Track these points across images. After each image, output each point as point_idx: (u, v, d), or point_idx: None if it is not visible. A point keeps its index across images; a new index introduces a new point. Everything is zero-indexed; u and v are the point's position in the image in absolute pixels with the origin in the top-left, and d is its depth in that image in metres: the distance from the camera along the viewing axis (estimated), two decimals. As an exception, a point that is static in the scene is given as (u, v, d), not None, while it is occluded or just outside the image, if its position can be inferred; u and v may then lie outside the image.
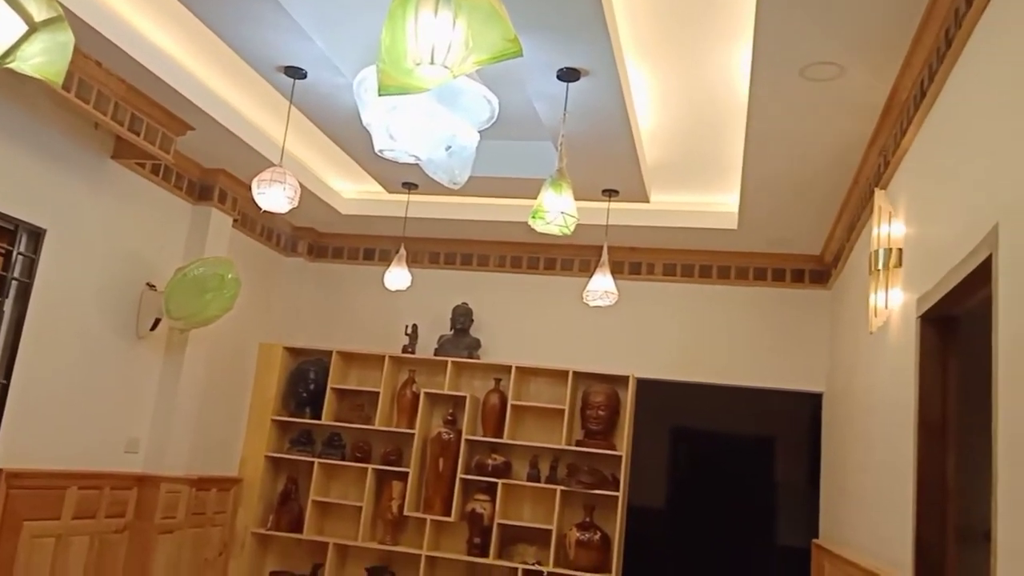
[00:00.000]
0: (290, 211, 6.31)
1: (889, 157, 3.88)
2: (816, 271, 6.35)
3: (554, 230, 3.96)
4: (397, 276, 5.61)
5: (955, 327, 3.19)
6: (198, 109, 4.72)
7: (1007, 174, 2.38)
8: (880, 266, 3.78)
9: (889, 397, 3.78)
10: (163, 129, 4.83)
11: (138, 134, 4.69)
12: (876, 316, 3.94)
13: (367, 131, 3.43)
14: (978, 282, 2.63)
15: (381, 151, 3.49)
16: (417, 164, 3.80)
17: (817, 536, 5.97)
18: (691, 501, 9.82)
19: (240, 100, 5.04)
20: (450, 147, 3.60)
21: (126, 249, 5.21)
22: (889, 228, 3.76)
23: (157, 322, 5.30)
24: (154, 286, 5.32)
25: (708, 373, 6.44)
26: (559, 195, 3.87)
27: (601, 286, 5.19)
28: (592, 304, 5.30)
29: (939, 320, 3.19)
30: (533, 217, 3.93)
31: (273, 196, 4.16)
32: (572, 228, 3.97)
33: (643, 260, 6.65)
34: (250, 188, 4.30)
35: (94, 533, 4.96)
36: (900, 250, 3.66)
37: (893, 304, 3.72)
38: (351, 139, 5.09)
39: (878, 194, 3.98)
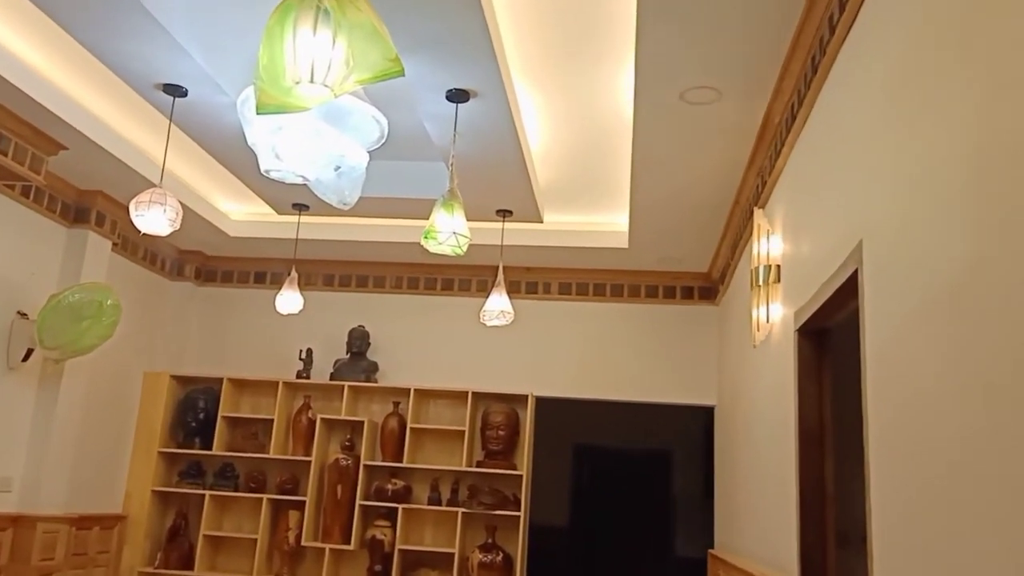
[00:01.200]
0: (175, 234, 6.08)
1: (766, 177, 4.05)
2: (705, 288, 6.55)
3: (447, 250, 3.95)
4: (288, 299, 5.47)
5: (828, 339, 3.34)
6: (71, 127, 4.50)
7: (869, 193, 2.51)
8: (761, 282, 3.92)
9: (772, 408, 3.92)
10: (33, 149, 4.59)
11: (5, 154, 4.43)
12: (759, 330, 4.09)
13: (253, 151, 3.35)
14: (846, 296, 2.77)
15: (267, 171, 3.40)
16: (306, 185, 3.75)
17: (712, 546, 6.12)
18: (592, 517, 9.93)
19: (118, 118, 4.84)
20: (339, 167, 3.56)
21: (-7, 276, 4.91)
22: (768, 245, 3.92)
23: (29, 352, 4.99)
24: (25, 314, 5.02)
25: (605, 390, 6.54)
26: (451, 215, 3.87)
27: (497, 306, 5.20)
28: (489, 324, 5.30)
29: (814, 333, 3.34)
30: (425, 237, 3.92)
31: (153, 218, 4.00)
32: (465, 248, 3.98)
33: (539, 279, 6.71)
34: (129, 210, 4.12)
35: (-41, 581, 4.61)
36: (778, 266, 3.82)
37: (774, 318, 3.87)
38: (237, 159, 4.96)
39: (757, 213, 4.15)
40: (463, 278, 6.81)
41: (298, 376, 6.55)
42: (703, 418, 6.51)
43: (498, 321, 5.26)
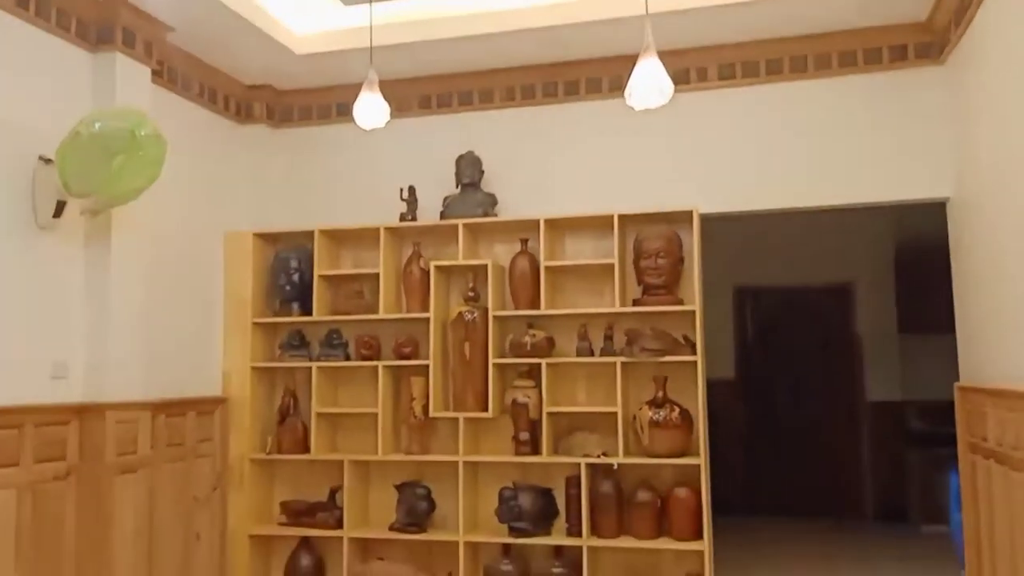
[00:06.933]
0: (236, 64, 4.93)
1: None
2: (923, 44, 4.83)
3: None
4: (369, 106, 4.17)
5: None
6: None
7: None
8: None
9: None
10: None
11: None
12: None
13: None
14: None
15: None
16: None
17: (958, 379, 4.67)
18: (770, 358, 8.63)
19: None
20: None
21: (4, 118, 3.86)
22: None
23: (61, 205, 3.97)
24: (50, 159, 3.96)
25: (786, 196, 5.06)
26: None
27: (648, 78, 3.72)
28: (638, 107, 3.85)
29: None
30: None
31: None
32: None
33: (691, 65, 5.16)
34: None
35: (23, 484, 3.77)
36: None
37: None
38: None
39: None
40: (591, 76, 5.34)
41: (402, 219, 5.38)
42: (929, 216, 5.00)
43: (652, 100, 3.79)
